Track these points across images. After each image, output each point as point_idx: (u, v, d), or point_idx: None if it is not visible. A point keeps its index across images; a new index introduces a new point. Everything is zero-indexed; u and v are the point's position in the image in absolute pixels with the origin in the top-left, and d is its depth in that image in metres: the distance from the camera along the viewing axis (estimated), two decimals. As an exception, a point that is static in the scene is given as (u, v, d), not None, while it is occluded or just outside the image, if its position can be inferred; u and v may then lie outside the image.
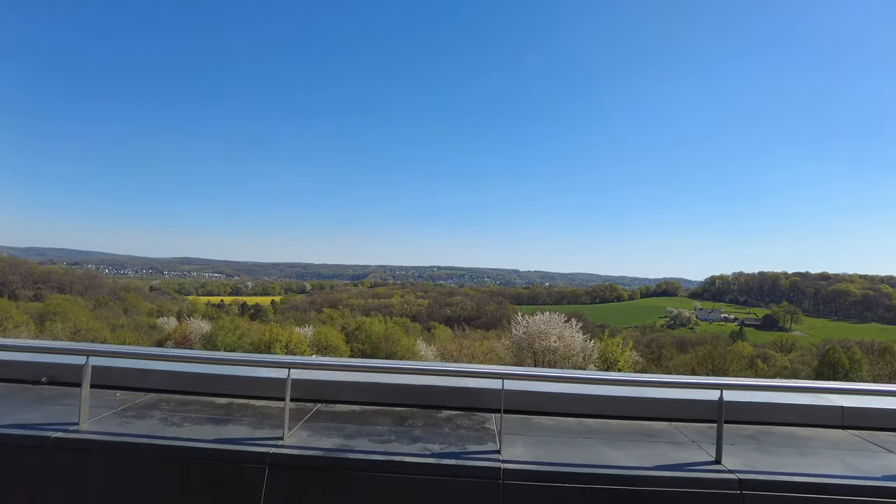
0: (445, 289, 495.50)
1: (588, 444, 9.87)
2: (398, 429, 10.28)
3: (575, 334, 75.93)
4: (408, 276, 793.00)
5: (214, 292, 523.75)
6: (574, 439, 10.14)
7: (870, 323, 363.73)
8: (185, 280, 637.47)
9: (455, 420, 11.09)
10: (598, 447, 9.69)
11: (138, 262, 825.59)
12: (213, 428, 9.89)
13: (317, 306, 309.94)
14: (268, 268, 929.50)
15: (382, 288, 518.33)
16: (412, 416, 11.24)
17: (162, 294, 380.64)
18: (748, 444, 10.31)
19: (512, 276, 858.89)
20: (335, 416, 11.01)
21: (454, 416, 11.32)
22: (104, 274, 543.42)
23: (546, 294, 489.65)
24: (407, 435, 9.94)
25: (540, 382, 11.53)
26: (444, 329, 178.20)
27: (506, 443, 9.60)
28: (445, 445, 9.42)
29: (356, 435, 9.82)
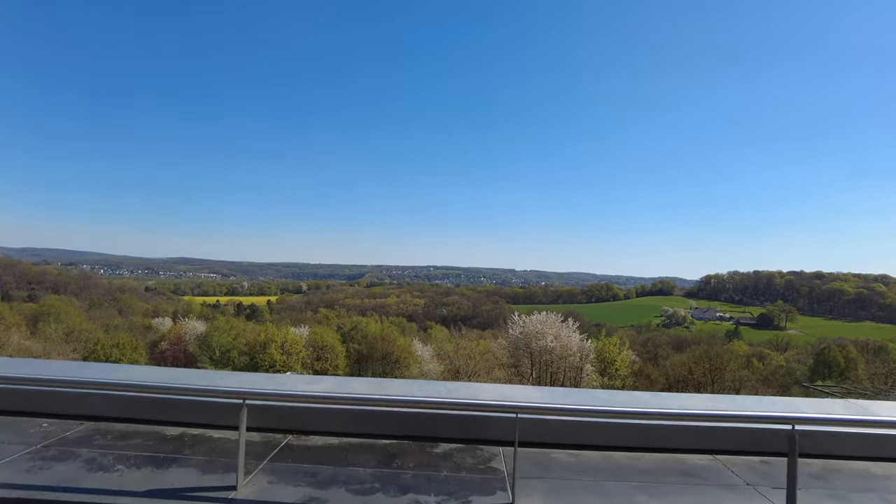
0: (442, 288, 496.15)
1: (620, 490, 7.84)
2: (384, 471, 8.16)
3: (572, 334, 75.77)
4: (404, 276, 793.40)
5: (210, 292, 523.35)
6: (601, 482, 8.06)
7: (864, 322, 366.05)
8: (181, 280, 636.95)
9: (455, 457, 8.93)
10: (633, 495, 7.71)
11: (134, 262, 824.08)
12: (150, 473, 7.63)
13: (313, 306, 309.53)
14: (264, 268, 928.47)
15: (379, 288, 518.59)
16: (402, 452, 9.02)
17: (157, 294, 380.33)
18: (819, 489, 8.15)
19: (508, 276, 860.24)
20: (308, 453, 8.79)
21: (454, 452, 9.15)
22: (99, 274, 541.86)
23: (542, 293, 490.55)
24: (394, 481, 7.82)
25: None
26: (441, 329, 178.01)
27: (520, 491, 7.57)
28: (444, 497, 7.42)
29: (331, 482, 7.67)
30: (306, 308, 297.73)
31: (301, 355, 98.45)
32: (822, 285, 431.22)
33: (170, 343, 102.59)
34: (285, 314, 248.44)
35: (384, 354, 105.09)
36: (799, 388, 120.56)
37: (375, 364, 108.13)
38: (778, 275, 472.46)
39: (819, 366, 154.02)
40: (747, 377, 76.57)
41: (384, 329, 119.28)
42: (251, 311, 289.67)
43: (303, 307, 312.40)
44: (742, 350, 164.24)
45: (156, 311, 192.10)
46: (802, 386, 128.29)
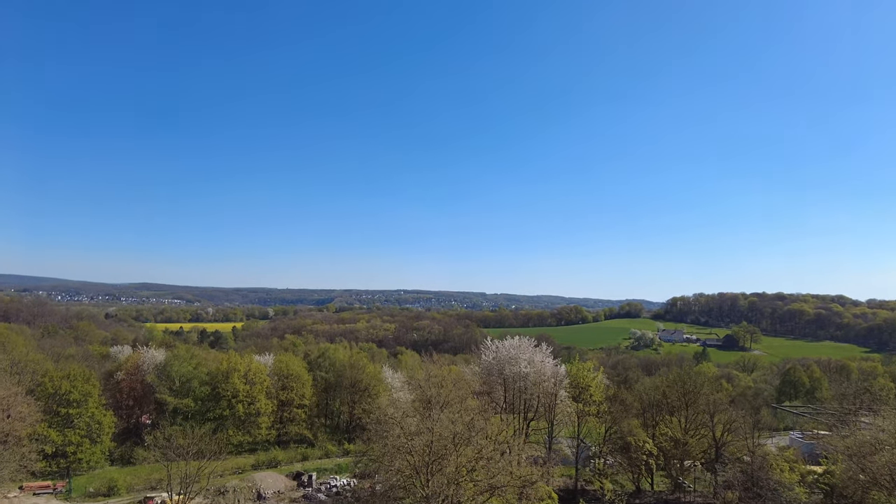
0: (412, 312, 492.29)
1: None
2: None
3: (545, 359, 74.33)
4: (374, 300, 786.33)
5: (174, 319, 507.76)
6: None
7: (823, 341, 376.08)
8: (144, 306, 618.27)
9: None
10: None
11: (94, 287, 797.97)
12: None
13: (279, 333, 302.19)
14: (230, 293, 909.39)
15: (348, 312, 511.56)
16: None
17: (118, 321, 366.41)
18: None
19: (479, 299, 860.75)
20: None
21: None
22: (56, 301, 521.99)
23: (512, 317, 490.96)
24: None
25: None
26: (412, 354, 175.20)
27: None
28: None
29: None
30: (272, 334, 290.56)
31: (265, 385, 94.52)
32: (783, 306, 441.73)
33: (126, 373, 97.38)
34: (250, 341, 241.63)
35: (353, 383, 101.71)
36: (768, 409, 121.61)
37: (343, 393, 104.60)
38: (741, 296, 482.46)
39: (785, 386, 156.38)
40: (720, 401, 75.98)
41: (353, 356, 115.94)
42: (215, 338, 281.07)
43: (269, 333, 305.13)
44: (711, 372, 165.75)
45: (115, 338, 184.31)
46: (771, 407, 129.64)
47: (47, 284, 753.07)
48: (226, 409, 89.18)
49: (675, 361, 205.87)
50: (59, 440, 71.36)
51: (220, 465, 64.62)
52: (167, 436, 59.41)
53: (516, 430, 63.82)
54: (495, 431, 48.58)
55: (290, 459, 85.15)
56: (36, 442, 61.35)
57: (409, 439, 42.68)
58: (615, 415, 74.15)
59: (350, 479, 72.98)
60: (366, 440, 57.45)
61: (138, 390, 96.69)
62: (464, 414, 46.67)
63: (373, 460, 53.20)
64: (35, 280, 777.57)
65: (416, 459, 41.42)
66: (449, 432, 42.27)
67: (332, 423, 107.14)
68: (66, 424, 72.95)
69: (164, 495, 60.41)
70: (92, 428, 75.51)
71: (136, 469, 75.23)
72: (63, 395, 73.61)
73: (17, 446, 54.00)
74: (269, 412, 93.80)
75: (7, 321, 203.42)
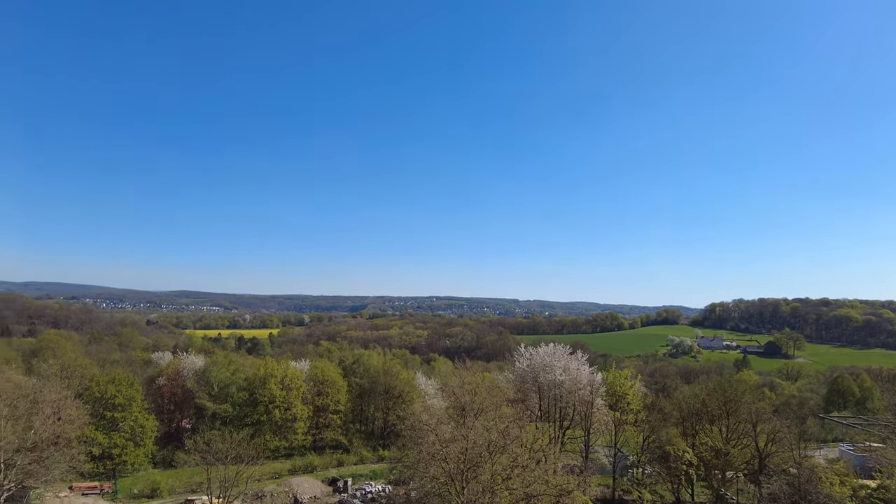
0: (445, 319, 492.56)
1: None
2: None
3: (581, 366, 73.25)
4: (407, 307, 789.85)
5: (212, 325, 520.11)
6: None
7: (874, 349, 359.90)
8: (183, 313, 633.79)
9: None
10: None
11: (137, 295, 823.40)
12: None
13: (315, 339, 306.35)
14: (266, 300, 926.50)
15: (381, 319, 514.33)
16: None
17: (159, 328, 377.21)
18: None
19: (511, 306, 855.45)
20: None
21: None
22: (101, 308, 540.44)
23: (546, 323, 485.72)
24: None
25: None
26: (445, 361, 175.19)
27: None
28: None
29: None
30: (308, 340, 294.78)
31: (301, 390, 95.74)
32: (829, 312, 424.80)
33: (167, 378, 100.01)
34: (287, 347, 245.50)
35: (387, 389, 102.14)
36: (814, 419, 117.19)
37: (378, 399, 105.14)
38: (783, 302, 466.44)
39: (833, 395, 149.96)
40: (763, 410, 73.50)
41: (386, 362, 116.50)
42: (252, 344, 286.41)
43: (304, 340, 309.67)
44: (753, 380, 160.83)
45: (156, 344, 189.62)
46: (818, 417, 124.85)
47: (93, 292, 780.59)
48: (263, 414, 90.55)
49: (715, 369, 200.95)
50: (106, 443, 73.74)
51: (257, 470, 65.60)
52: (207, 440, 60.73)
53: (552, 439, 63.05)
54: (531, 439, 48.08)
55: (325, 465, 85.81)
56: (84, 444, 63.31)
57: (444, 446, 42.55)
58: (653, 423, 72.43)
59: (385, 486, 73.16)
60: (400, 447, 57.65)
61: (179, 395, 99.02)
62: (498, 422, 46.30)
63: (407, 467, 53.26)
64: (82, 288, 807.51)
65: (451, 467, 41.24)
66: (484, 440, 41.99)
67: (366, 429, 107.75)
68: (111, 427, 75.33)
69: (205, 498, 61.66)
70: (136, 431, 77.77)
71: (177, 472, 76.94)
72: (108, 400, 76.09)
73: (67, 448, 55.83)
74: (305, 418, 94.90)
75: (57, 327, 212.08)
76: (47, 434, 53.61)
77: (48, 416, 55.22)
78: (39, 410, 54.47)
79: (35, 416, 53.73)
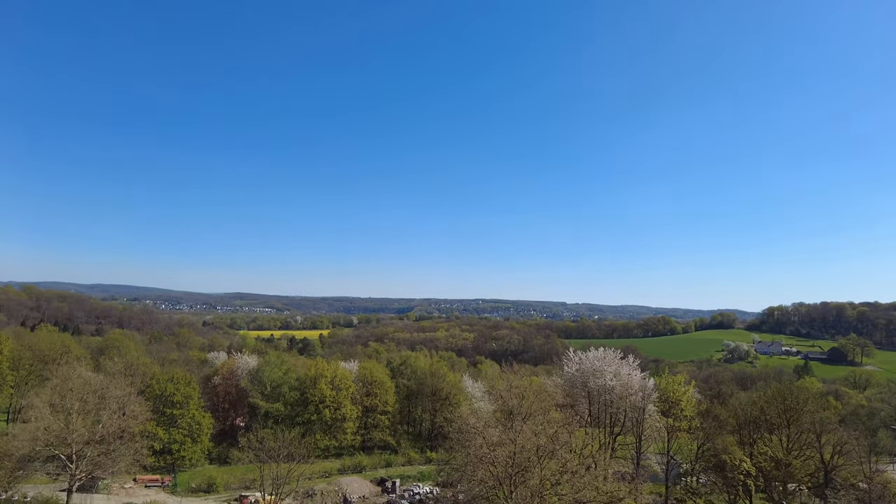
0: (491, 322, 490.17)
1: None
2: None
3: (632, 371, 71.54)
4: (452, 309, 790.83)
5: (265, 326, 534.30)
6: None
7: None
8: (238, 315, 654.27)
9: None
10: None
11: (193, 297, 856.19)
12: None
13: (363, 340, 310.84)
14: (316, 302, 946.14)
15: (428, 321, 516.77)
16: None
17: (214, 329, 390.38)
18: None
19: (559, 309, 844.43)
20: None
21: None
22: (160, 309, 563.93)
23: (596, 327, 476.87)
24: None
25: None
26: (491, 364, 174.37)
27: None
28: None
29: None
30: (356, 342, 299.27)
31: (350, 391, 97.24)
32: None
33: (222, 377, 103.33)
34: (336, 348, 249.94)
35: (434, 391, 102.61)
36: (886, 431, 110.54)
37: (425, 401, 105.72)
38: (849, 306, 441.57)
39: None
40: (828, 420, 69.91)
41: (433, 364, 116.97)
42: (303, 344, 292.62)
43: (353, 341, 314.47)
44: (816, 388, 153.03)
45: (212, 345, 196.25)
46: (890, 429, 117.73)
47: (153, 294, 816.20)
48: (313, 413, 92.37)
49: (774, 375, 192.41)
50: (166, 438, 76.96)
51: (308, 469, 67.06)
52: (259, 438, 62.58)
53: (602, 445, 61.82)
54: (580, 445, 47.31)
55: (374, 465, 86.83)
56: (146, 439, 66.19)
57: (492, 450, 42.34)
58: (708, 431, 69.93)
59: (433, 487, 73.39)
60: (448, 449, 57.71)
61: (233, 394, 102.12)
62: (547, 426, 45.76)
63: (455, 469, 53.28)
64: (143, 290, 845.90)
65: (499, 470, 40.99)
66: (532, 444, 41.56)
67: (414, 431, 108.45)
68: (170, 424, 78.56)
69: (258, 495, 63.46)
70: (193, 428, 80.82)
71: (231, 468, 79.46)
72: (168, 397, 79.39)
73: (131, 442, 58.49)
74: (354, 418, 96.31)
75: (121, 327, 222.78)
76: (113, 428, 56.32)
77: (114, 411, 58.05)
78: (106, 406, 57.29)
79: (102, 410, 56.56)
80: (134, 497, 65.47)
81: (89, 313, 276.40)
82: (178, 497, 67.83)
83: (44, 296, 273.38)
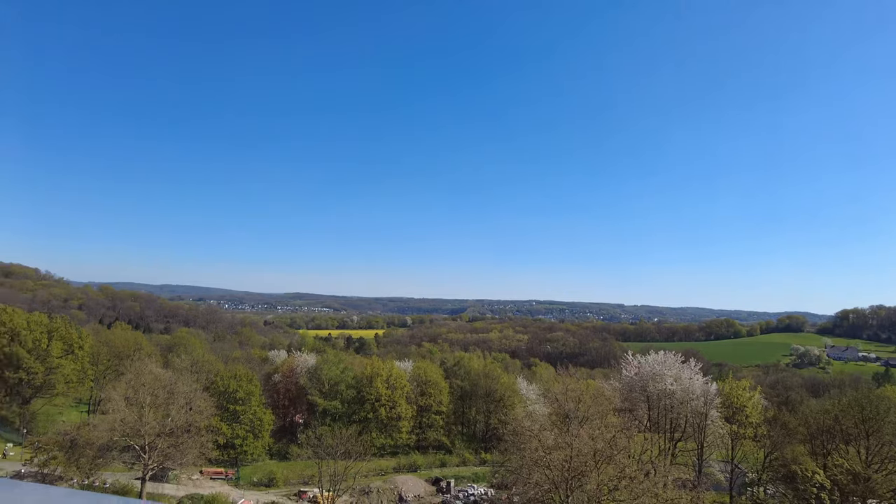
0: (545, 324, 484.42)
1: None
2: None
3: (694, 376, 69.07)
4: (506, 311, 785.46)
5: (323, 326, 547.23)
6: None
7: None
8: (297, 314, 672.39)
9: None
10: None
11: (255, 297, 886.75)
12: None
13: (417, 340, 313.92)
14: (371, 302, 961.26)
15: (481, 322, 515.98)
16: None
17: (275, 328, 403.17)
18: None
19: (616, 311, 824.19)
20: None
21: None
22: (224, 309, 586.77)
23: (655, 330, 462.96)
24: None
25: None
26: (546, 367, 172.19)
27: None
28: None
29: None
30: (410, 342, 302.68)
31: (405, 390, 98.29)
32: None
33: (282, 375, 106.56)
34: (391, 347, 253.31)
35: (487, 392, 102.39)
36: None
37: (479, 402, 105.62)
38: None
39: None
40: (912, 431, 65.13)
41: (487, 366, 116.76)
42: (360, 344, 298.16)
43: (407, 341, 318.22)
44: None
45: (272, 343, 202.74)
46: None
47: (217, 294, 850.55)
48: (369, 411, 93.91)
49: (849, 382, 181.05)
50: (229, 433, 79.93)
51: (364, 466, 68.25)
52: (318, 435, 64.10)
53: (661, 450, 59.94)
54: (639, 450, 46.02)
55: (428, 465, 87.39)
56: (211, 433, 68.91)
57: (548, 453, 41.79)
58: (776, 439, 66.58)
59: (487, 489, 73.18)
60: (502, 451, 57.30)
61: (293, 391, 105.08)
62: (605, 430, 44.76)
63: (510, 471, 52.87)
64: (208, 290, 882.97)
65: (555, 474, 40.41)
66: (589, 449, 40.76)
67: (468, 432, 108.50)
68: (234, 419, 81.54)
69: (316, 490, 65.03)
70: (254, 424, 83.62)
71: (291, 464, 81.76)
72: (231, 394, 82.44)
73: (198, 435, 61.11)
74: (409, 417, 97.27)
75: (187, 326, 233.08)
76: (181, 422, 59.05)
77: (182, 406, 60.82)
78: (175, 401, 60.14)
79: (171, 405, 59.42)
80: (200, 488, 68.38)
81: (158, 312, 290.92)
82: (241, 490, 70.40)
83: (118, 296, 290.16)
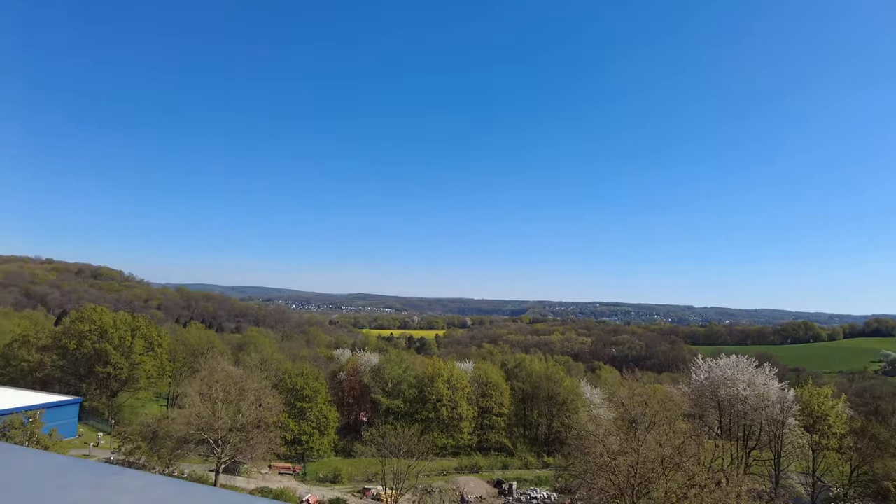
0: (609, 326, 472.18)
1: None
2: None
3: (769, 381, 65.49)
4: (568, 312, 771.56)
5: (385, 325, 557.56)
6: None
7: None
8: (360, 314, 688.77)
9: None
10: None
11: (320, 297, 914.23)
12: None
13: (477, 341, 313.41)
14: (431, 303, 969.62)
15: (542, 324, 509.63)
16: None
17: (339, 327, 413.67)
18: None
19: (685, 313, 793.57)
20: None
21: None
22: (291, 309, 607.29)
23: (726, 333, 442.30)
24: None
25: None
26: (610, 370, 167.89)
27: None
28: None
29: None
30: (471, 343, 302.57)
31: (466, 391, 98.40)
32: None
33: (347, 373, 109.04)
34: (451, 348, 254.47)
35: (549, 395, 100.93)
36: None
37: (541, 405, 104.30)
38: None
39: None
40: None
41: (549, 368, 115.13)
42: (420, 344, 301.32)
43: (467, 342, 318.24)
44: None
45: (337, 342, 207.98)
46: None
47: (284, 295, 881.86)
48: (431, 411, 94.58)
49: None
50: (296, 429, 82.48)
51: (426, 466, 68.81)
52: (381, 433, 65.21)
53: (734, 459, 57.25)
54: (709, 458, 44.09)
55: (490, 466, 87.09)
56: (279, 429, 71.38)
57: (613, 458, 40.73)
58: (864, 452, 62.13)
59: (550, 493, 72.12)
60: (566, 455, 56.34)
61: (357, 390, 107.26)
62: (673, 437, 43.18)
63: (574, 476, 51.91)
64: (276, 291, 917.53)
65: (621, 480, 39.33)
66: (657, 455, 39.41)
67: (530, 434, 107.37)
68: (300, 416, 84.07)
69: (379, 488, 66.14)
70: (320, 421, 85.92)
71: (355, 461, 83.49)
72: (298, 391, 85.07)
73: (267, 431, 63.45)
74: (471, 418, 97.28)
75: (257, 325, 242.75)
76: (252, 418, 61.49)
77: (252, 402, 63.33)
78: (245, 397, 62.71)
79: (242, 401, 61.98)
80: (269, 482, 70.97)
81: (230, 312, 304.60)
82: (307, 485, 72.55)
83: (193, 296, 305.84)
